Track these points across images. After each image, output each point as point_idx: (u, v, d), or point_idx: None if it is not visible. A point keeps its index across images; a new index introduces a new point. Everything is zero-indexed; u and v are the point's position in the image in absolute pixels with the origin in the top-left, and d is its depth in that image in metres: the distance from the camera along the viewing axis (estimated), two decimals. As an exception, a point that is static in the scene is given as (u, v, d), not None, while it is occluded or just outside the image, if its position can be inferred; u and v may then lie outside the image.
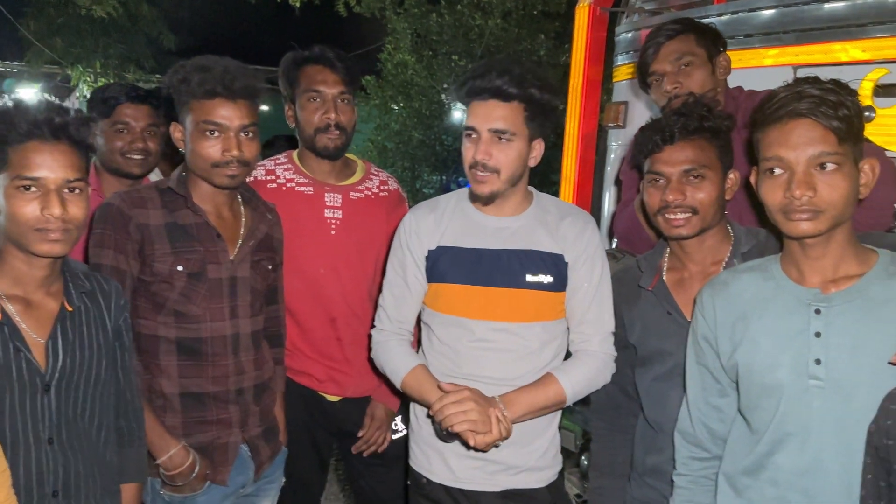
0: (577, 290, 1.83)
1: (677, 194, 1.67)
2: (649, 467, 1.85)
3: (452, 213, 1.89)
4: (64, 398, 1.51)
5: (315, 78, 2.18)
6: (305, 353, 2.24)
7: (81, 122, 1.48)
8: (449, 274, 1.84)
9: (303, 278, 2.20)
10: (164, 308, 1.82)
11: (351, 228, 2.23)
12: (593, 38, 3.02)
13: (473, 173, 1.78)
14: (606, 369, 1.84)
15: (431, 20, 9.36)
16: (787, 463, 1.45)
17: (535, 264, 1.80)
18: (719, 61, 2.09)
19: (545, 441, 1.88)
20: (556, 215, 1.86)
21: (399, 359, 1.89)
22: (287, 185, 2.24)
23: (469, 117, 1.77)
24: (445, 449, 1.85)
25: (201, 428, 1.87)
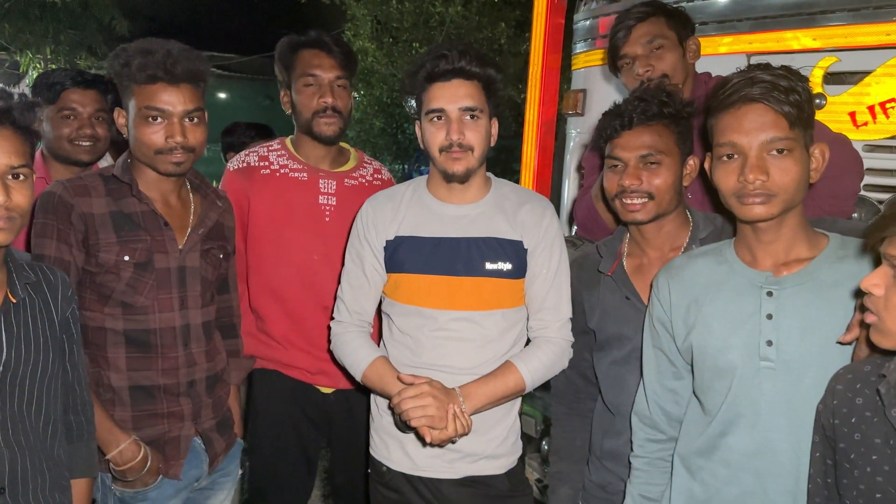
0: (537, 276, 1.83)
1: (634, 179, 1.68)
2: (607, 451, 1.86)
3: (409, 202, 1.87)
4: (9, 393, 1.45)
5: (311, 62, 2.17)
6: (296, 344, 2.21)
7: (25, 106, 1.42)
8: (408, 263, 1.83)
9: (295, 265, 2.17)
10: (110, 299, 1.77)
11: (345, 215, 2.18)
12: (552, 26, 3.02)
13: (448, 154, 1.76)
14: (564, 355, 1.85)
15: (391, 7, 9.27)
16: (738, 444, 1.47)
17: (495, 251, 1.80)
18: (689, 45, 2.09)
19: (504, 429, 1.89)
20: (515, 202, 1.86)
21: (359, 351, 1.87)
22: (281, 170, 2.21)
23: (433, 100, 1.75)
24: (404, 437, 1.84)
25: (152, 421, 1.83)
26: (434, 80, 1.76)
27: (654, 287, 1.64)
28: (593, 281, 1.86)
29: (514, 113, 8.81)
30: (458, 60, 1.73)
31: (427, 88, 1.77)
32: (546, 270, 1.83)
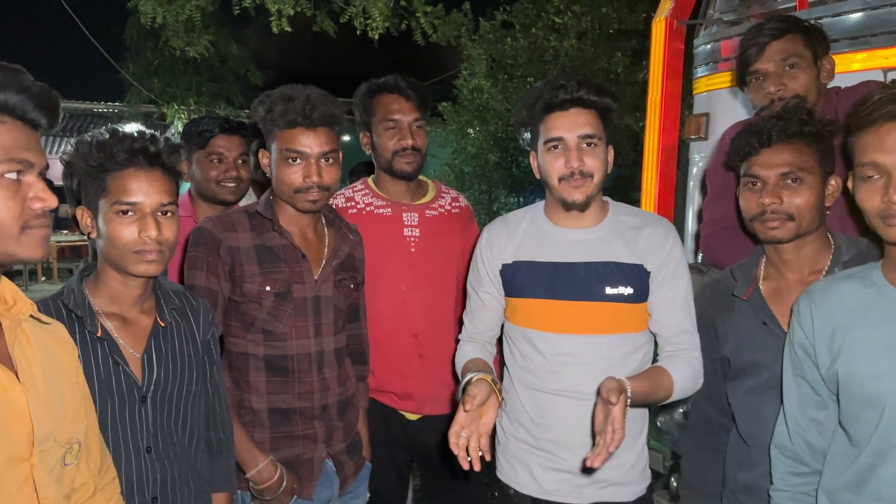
0: (666, 300, 1.79)
1: (774, 198, 1.61)
2: (742, 484, 1.77)
3: (527, 228, 1.90)
4: (159, 409, 1.58)
5: (391, 107, 2.28)
6: (385, 371, 2.28)
7: (172, 149, 1.57)
8: (526, 288, 1.84)
9: (385, 296, 2.26)
10: (252, 326, 1.89)
11: (429, 245, 2.30)
12: (671, 51, 2.98)
13: (568, 182, 1.76)
14: (700, 378, 1.80)
15: (506, 44, 9.41)
16: (892, 477, 1.36)
17: (615, 276, 1.78)
18: (824, 64, 2.01)
19: (633, 455, 1.85)
20: (634, 224, 1.84)
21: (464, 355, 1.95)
22: (366, 209, 2.33)
23: (552, 130, 1.77)
24: (531, 461, 1.85)
25: (288, 443, 1.91)
26: (552, 109, 1.77)
27: (794, 312, 1.56)
28: (727, 306, 1.79)
29: (631, 142, 8.67)
30: (576, 90, 1.74)
31: (545, 119, 1.79)
32: (673, 294, 1.79)
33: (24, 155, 1.12)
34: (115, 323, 1.57)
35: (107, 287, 1.58)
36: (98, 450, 1.39)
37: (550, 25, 9.16)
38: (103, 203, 1.53)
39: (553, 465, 1.83)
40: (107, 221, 1.52)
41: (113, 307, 1.58)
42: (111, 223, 1.52)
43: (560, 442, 1.82)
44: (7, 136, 1.10)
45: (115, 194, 1.51)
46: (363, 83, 2.35)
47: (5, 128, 1.11)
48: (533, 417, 1.85)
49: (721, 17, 2.89)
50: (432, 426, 2.31)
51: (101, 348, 1.53)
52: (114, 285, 1.58)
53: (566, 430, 1.81)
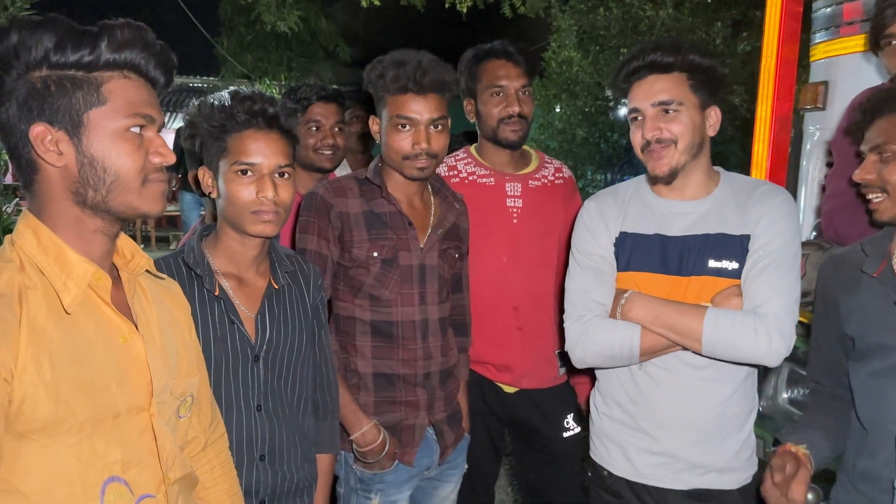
0: (752, 256, 1.68)
1: None
2: (860, 472, 1.66)
3: (632, 199, 1.83)
4: (270, 369, 1.62)
5: (498, 73, 2.23)
6: (484, 342, 2.26)
7: (289, 112, 1.58)
8: (632, 261, 1.78)
9: (486, 268, 2.24)
10: (360, 292, 1.91)
11: (532, 216, 2.26)
12: (788, 14, 2.79)
13: (648, 154, 1.70)
14: (766, 336, 1.60)
15: (598, 15, 9.12)
16: None
17: (719, 249, 1.70)
18: None
19: (737, 442, 1.77)
20: (747, 193, 1.73)
21: (624, 326, 1.73)
22: (469, 178, 2.30)
23: (631, 101, 1.71)
24: (627, 442, 1.80)
25: (391, 408, 1.93)
26: (631, 80, 1.71)
27: None
28: (853, 282, 1.66)
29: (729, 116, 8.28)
30: (649, 54, 1.66)
31: (628, 91, 1.73)
32: (763, 250, 1.66)
33: (147, 110, 1.13)
34: (231, 283, 1.61)
35: (225, 247, 1.62)
36: (209, 405, 1.43)
37: (646, -6, 8.83)
38: (223, 163, 1.56)
39: (650, 447, 1.77)
40: (227, 181, 1.56)
41: (230, 267, 1.62)
42: (230, 183, 1.55)
43: (658, 421, 1.76)
44: (132, 91, 1.12)
45: (235, 154, 1.54)
46: (469, 49, 2.31)
47: (131, 84, 1.13)
48: (630, 394, 1.80)
49: (845, -23, 2.69)
50: (529, 400, 2.30)
51: (218, 307, 1.58)
52: (232, 245, 1.61)
53: (665, 408, 1.76)
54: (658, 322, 1.68)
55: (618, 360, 1.74)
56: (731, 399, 1.75)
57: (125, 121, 1.11)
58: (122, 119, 1.11)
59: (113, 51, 1.10)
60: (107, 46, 1.09)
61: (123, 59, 1.11)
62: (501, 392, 2.32)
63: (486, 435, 2.34)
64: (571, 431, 2.35)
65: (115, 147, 1.11)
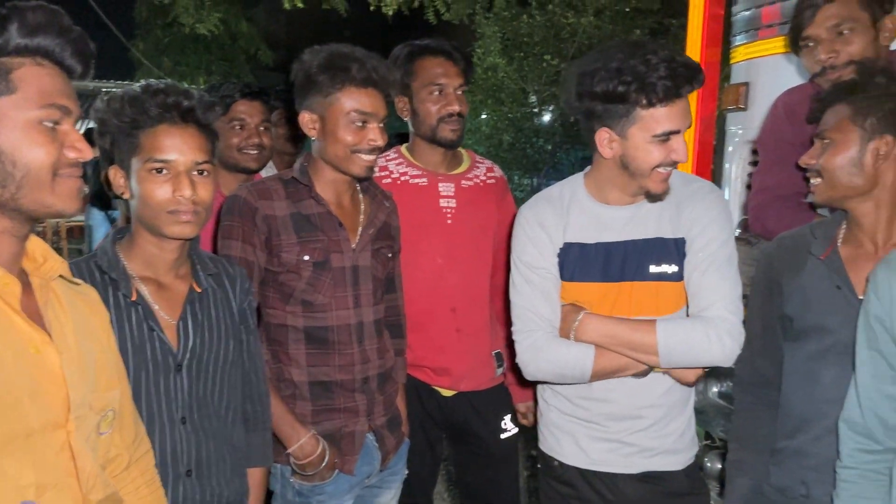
0: (693, 258, 1.70)
1: None
2: (792, 450, 1.70)
3: (571, 206, 1.79)
4: (195, 378, 1.52)
5: (436, 71, 2.18)
6: (422, 346, 2.23)
7: (207, 105, 1.50)
8: (576, 273, 1.76)
9: (422, 270, 2.20)
10: (291, 297, 1.83)
11: (466, 216, 2.24)
12: (710, 17, 2.86)
13: (659, 173, 1.65)
14: (718, 340, 1.63)
15: (522, 22, 9.27)
16: None
17: (658, 254, 1.71)
18: (885, 24, 1.89)
19: (682, 423, 1.81)
20: (679, 190, 1.73)
21: (577, 347, 1.74)
22: (401, 178, 2.25)
23: (664, 122, 1.60)
24: (578, 432, 1.81)
25: (329, 416, 1.86)
26: (668, 100, 1.59)
27: (871, 282, 1.47)
28: (798, 264, 1.70)
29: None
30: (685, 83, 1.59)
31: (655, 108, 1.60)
32: (702, 253, 1.68)
33: (62, 101, 1.06)
34: (149, 287, 1.51)
35: (141, 250, 1.51)
36: (132, 420, 1.33)
37: (567, 2, 9.02)
38: (136, 161, 1.45)
39: (601, 435, 1.79)
40: (140, 180, 1.45)
41: (147, 271, 1.52)
42: (144, 182, 1.45)
43: (609, 414, 1.78)
44: (46, 80, 1.05)
45: (148, 151, 1.44)
46: (401, 45, 2.25)
47: (44, 71, 1.05)
48: (580, 392, 1.80)
49: (764, -19, 2.78)
50: (467, 402, 2.27)
51: (136, 313, 1.47)
52: (148, 248, 1.51)
53: (615, 403, 1.77)
54: (614, 341, 1.69)
55: (568, 378, 1.75)
56: (674, 387, 1.79)
57: (38, 112, 1.04)
58: (34, 110, 1.03)
59: (24, 35, 1.02)
60: (17, 30, 1.01)
61: (36, 45, 1.03)
62: (439, 396, 2.28)
63: (425, 441, 2.29)
64: (509, 432, 2.34)
65: (27, 140, 1.03)
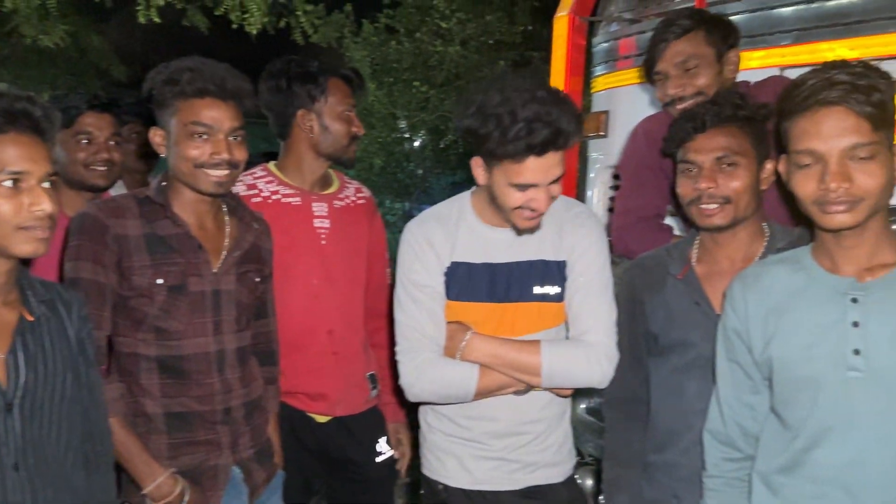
0: (574, 282, 1.77)
1: (710, 182, 1.61)
2: (661, 463, 1.77)
3: (459, 226, 1.80)
4: (28, 418, 1.36)
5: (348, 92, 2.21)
6: (297, 371, 2.14)
7: (45, 112, 1.36)
8: (462, 292, 1.77)
9: (296, 291, 2.12)
10: (143, 324, 1.70)
11: (340, 237, 2.19)
12: (573, 48, 2.98)
13: (524, 215, 1.67)
14: (597, 364, 1.71)
15: (390, 48, 9.33)
16: (827, 458, 1.37)
17: (542, 276, 1.76)
18: (729, 58, 2.01)
19: (560, 435, 1.86)
20: (561, 215, 1.79)
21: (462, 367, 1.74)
22: (272, 197, 2.16)
23: (522, 174, 1.60)
24: (462, 452, 1.81)
25: (189, 449, 1.73)
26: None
27: (728, 296, 1.55)
28: (658, 283, 1.77)
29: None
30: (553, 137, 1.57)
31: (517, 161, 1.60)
32: (583, 278, 1.76)
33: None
34: None
35: None
36: None
37: (435, 31, 9.18)
38: None
39: (485, 454, 1.80)
40: None
41: None
42: None
43: (492, 432, 1.80)
44: None
45: None
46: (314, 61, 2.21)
47: None
48: (464, 411, 1.80)
49: (620, 15, 2.93)
50: (342, 427, 2.21)
51: None
52: None
53: (499, 420, 1.79)
54: (498, 362, 1.71)
55: (452, 398, 1.76)
56: (553, 400, 1.83)
57: None
58: None
59: None
60: None
61: None
62: (314, 423, 2.20)
63: (299, 473, 2.19)
64: (384, 455, 2.31)
65: None
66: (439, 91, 9.38)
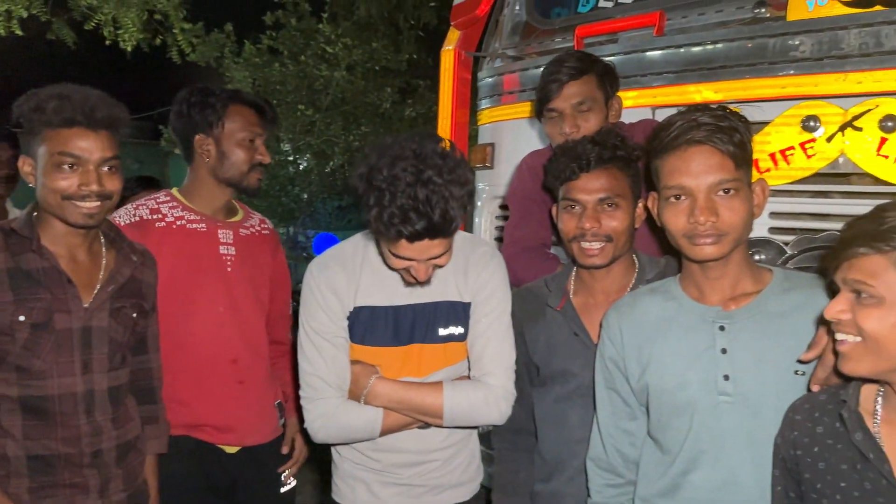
0: (477, 324, 1.78)
1: (593, 222, 1.67)
2: (548, 493, 1.82)
3: (363, 269, 1.77)
4: None
5: (252, 119, 2.18)
6: (203, 402, 2.08)
7: None
8: (366, 336, 1.75)
9: (201, 320, 2.07)
10: (4, 363, 1.58)
11: (245, 265, 2.16)
12: (459, 81, 3.05)
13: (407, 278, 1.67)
14: (496, 405, 1.74)
15: (274, 70, 9.17)
16: (702, 481, 1.45)
17: (447, 317, 1.77)
18: (613, 104, 2.12)
19: (467, 455, 1.87)
20: (466, 255, 1.80)
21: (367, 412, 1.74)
22: (177, 222, 2.12)
23: (400, 249, 1.58)
24: (370, 479, 1.82)
25: (51, 492, 1.63)
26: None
27: (604, 326, 1.62)
28: (538, 314, 1.83)
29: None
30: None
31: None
32: (485, 319, 1.78)
33: None
34: None
35: None
36: None
37: (320, 55, 9.12)
38: None
39: (394, 480, 1.81)
40: None
41: None
42: None
43: (400, 463, 1.81)
44: None
45: None
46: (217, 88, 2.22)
47: None
48: (370, 444, 1.80)
49: (504, 51, 3.03)
50: (251, 457, 2.16)
51: None
52: None
53: (405, 452, 1.80)
54: (402, 406, 1.73)
55: (358, 438, 1.78)
56: (455, 429, 1.83)
57: None
58: None
59: None
60: None
61: None
62: (223, 454, 2.13)
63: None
64: (289, 485, 2.30)
65: None
66: (324, 115, 9.30)
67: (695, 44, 2.37)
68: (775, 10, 2.23)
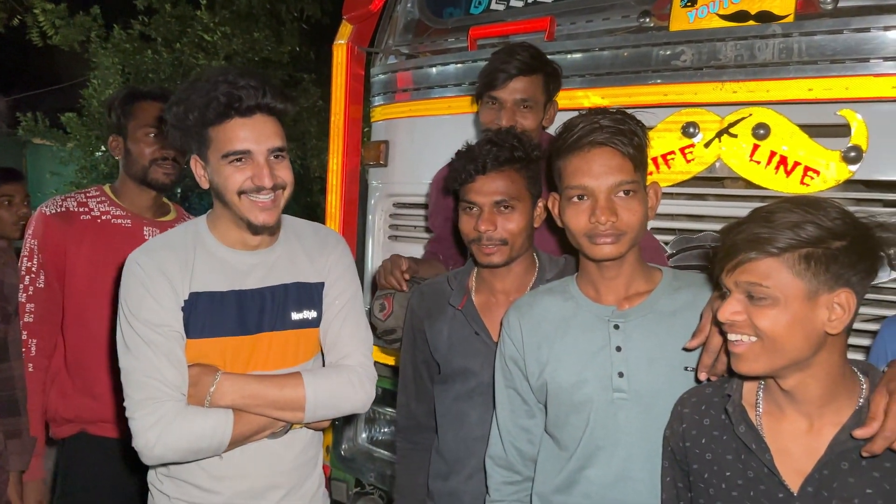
0: (330, 307, 1.71)
1: (489, 225, 1.68)
2: (447, 491, 1.81)
3: (196, 252, 1.61)
4: None
5: (153, 114, 2.22)
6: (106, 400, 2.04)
7: None
8: (206, 327, 1.57)
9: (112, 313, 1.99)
10: None
11: None
12: (352, 76, 2.99)
13: (257, 204, 1.57)
14: (360, 387, 1.65)
15: (146, 57, 8.66)
16: (597, 476, 1.50)
17: (298, 300, 1.67)
18: (550, 109, 2.14)
19: (315, 481, 1.79)
20: (310, 238, 1.75)
21: (214, 415, 1.55)
22: (102, 217, 2.23)
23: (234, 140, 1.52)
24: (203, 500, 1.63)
25: None
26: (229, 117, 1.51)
27: (504, 325, 1.64)
28: (439, 311, 1.83)
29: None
30: (261, 96, 1.51)
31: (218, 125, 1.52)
32: (339, 302, 1.72)
33: None
34: None
35: None
36: None
37: (197, 43, 8.70)
38: None
39: (231, 501, 1.63)
40: None
41: None
42: None
43: (246, 491, 1.64)
44: None
45: None
46: (124, 87, 2.29)
47: None
48: (207, 471, 1.61)
49: (398, 48, 3.00)
50: None
51: None
52: None
53: (253, 476, 1.64)
54: (257, 402, 1.56)
55: (203, 453, 1.55)
56: (310, 441, 1.76)
57: None
58: None
59: None
60: None
61: None
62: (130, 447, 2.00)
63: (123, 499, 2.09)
64: None
65: None
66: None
67: (583, 50, 2.44)
68: (659, 20, 2.33)
